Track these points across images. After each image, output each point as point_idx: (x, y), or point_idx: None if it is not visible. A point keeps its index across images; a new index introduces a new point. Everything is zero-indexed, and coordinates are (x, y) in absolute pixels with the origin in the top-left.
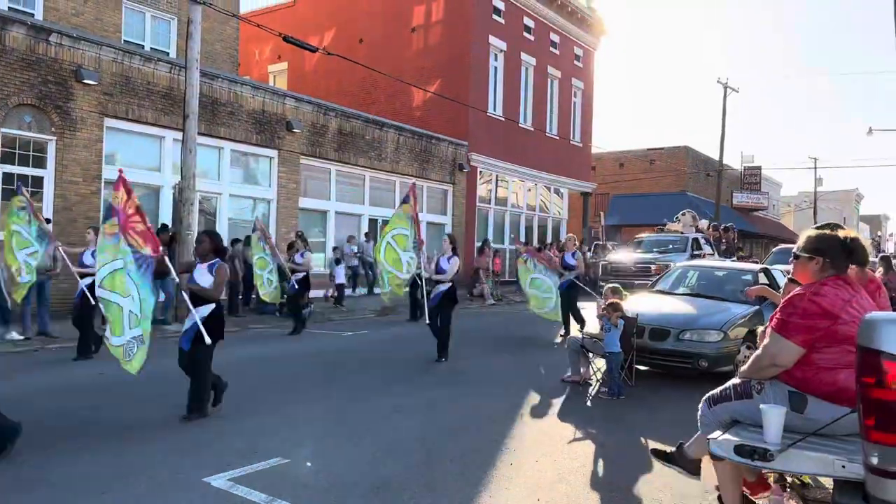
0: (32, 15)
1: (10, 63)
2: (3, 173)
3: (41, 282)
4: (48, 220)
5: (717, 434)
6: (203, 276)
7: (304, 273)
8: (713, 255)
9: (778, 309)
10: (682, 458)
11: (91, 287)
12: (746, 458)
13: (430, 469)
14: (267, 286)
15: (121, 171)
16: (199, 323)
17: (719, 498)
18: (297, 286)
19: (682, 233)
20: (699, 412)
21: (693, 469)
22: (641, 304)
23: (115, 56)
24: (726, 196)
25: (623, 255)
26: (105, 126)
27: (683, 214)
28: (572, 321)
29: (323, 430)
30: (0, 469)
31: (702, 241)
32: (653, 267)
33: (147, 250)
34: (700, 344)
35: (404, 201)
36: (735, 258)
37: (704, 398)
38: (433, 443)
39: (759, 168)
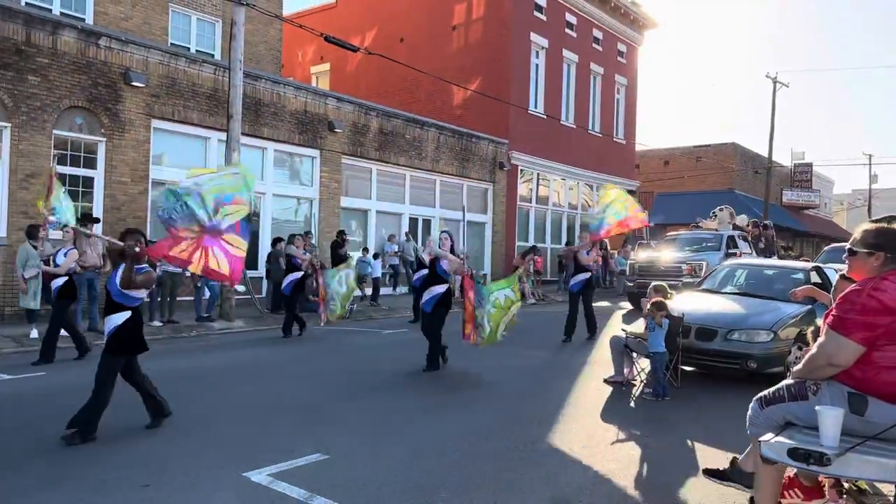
0: (83, 20)
1: (61, 66)
2: (56, 174)
3: (91, 278)
4: (96, 220)
5: (769, 437)
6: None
7: (302, 274)
8: (751, 253)
9: (833, 306)
10: (737, 473)
11: (64, 285)
12: (801, 462)
13: (466, 469)
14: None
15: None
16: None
17: (751, 500)
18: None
19: (716, 230)
20: (749, 413)
21: (751, 483)
22: (687, 302)
23: (162, 58)
24: (776, 194)
25: (652, 255)
26: (152, 127)
27: (721, 210)
28: (565, 324)
29: (361, 428)
30: (50, 460)
31: (738, 239)
32: (684, 267)
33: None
34: (749, 344)
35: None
36: (775, 257)
37: (756, 398)
38: (470, 443)
39: (809, 165)
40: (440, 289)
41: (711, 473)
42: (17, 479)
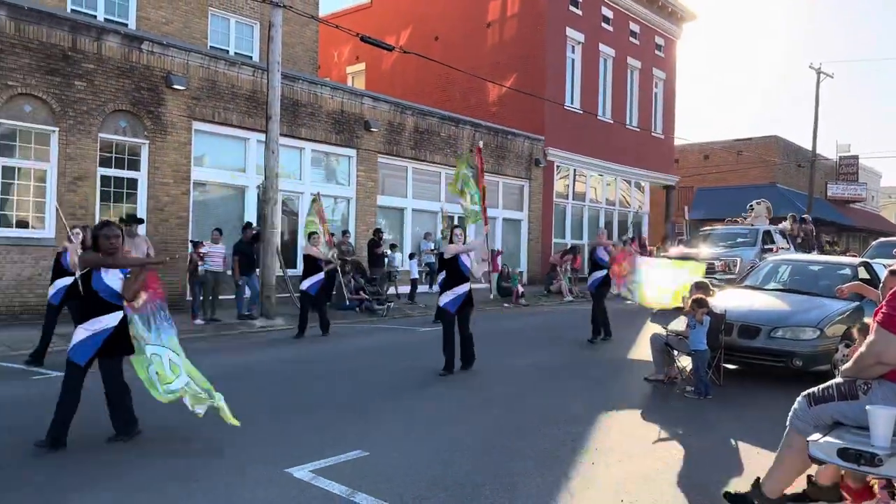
0: (126, 25)
1: (106, 71)
2: (102, 176)
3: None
4: (140, 220)
5: (817, 436)
6: (114, 279)
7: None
8: (788, 249)
9: (883, 303)
10: (762, 498)
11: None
12: (852, 462)
13: (508, 467)
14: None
15: None
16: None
17: (756, 480)
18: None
19: (752, 225)
20: (795, 407)
21: None
22: (730, 299)
23: (202, 61)
24: (820, 188)
25: (683, 251)
26: (193, 129)
27: (757, 204)
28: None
29: (401, 425)
30: (101, 454)
31: (775, 234)
32: (717, 263)
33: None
34: (794, 342)
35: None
36: (816, 253)
37: (804, 395)
38: (511, 440)
39: (855, 157)
40: (463, 288)
41: (732, 499)
42: (66, 478)
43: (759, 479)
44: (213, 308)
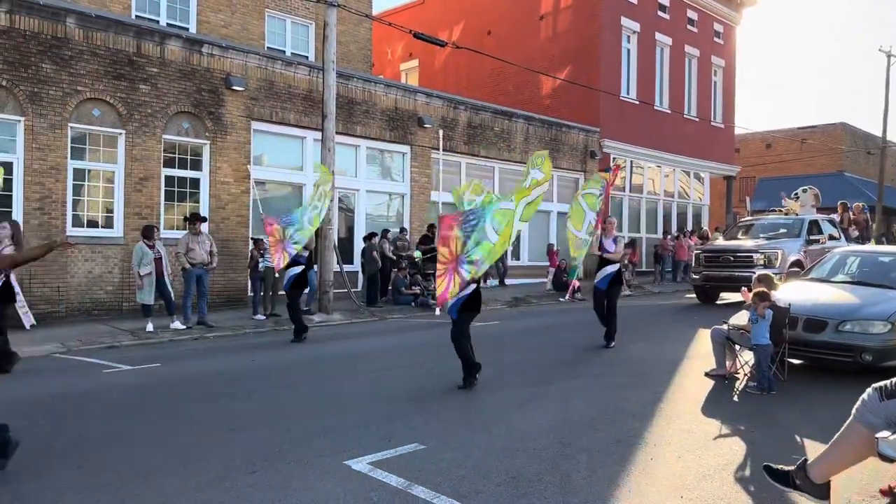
0: (187, 29)
1: (169, 74)
2: (166, 176)
3: (199, 274)
4: (204, 219)
5: (885, 434)
6: None
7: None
8: (839, 240)
9: None
10: (805, 481)
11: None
12: None
13: (564, 461)
14: None
15: None
16: None
17: (803, 462)
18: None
19: (797, 214)
20: (864, 398)
21: (821, 493)
22: (795, 292)
23: (260, 62)
24: (891, 175)
25: (721, 243)
26: (252, 129)
27: (804, 191)
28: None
29: (457, 419)
30: (171, 446)
31: (823, 225)
32: (756, 256)
33: None
34: (863, 336)
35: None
36: (871, 244)
37: (875, 387)
38: (568, 435)
39: None
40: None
41: (773, 474)
42: (138, 465)
43: (806, 460)
44: (273, 304)
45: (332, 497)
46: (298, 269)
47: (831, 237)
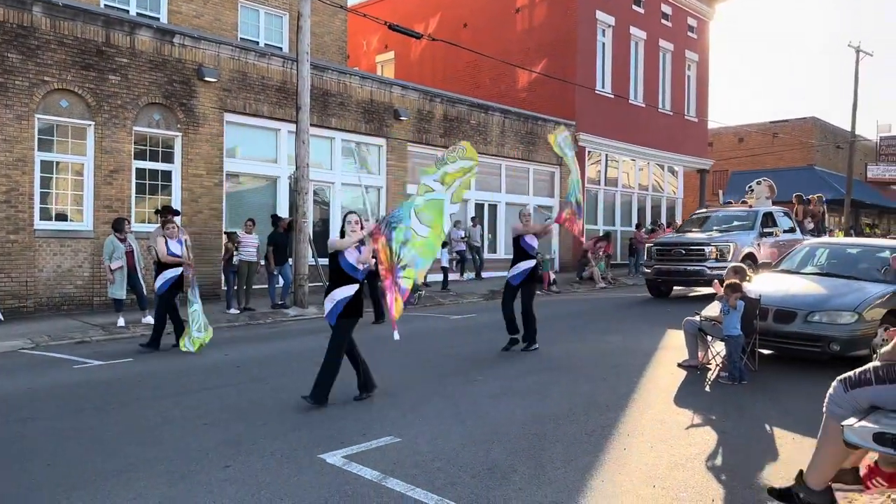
0: (158, 19)
1: (139, 65)
2: (137, 168)
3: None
4: (176, 213)
5: (852, 421)
6: None
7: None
8: (794, 232)
9: None
10: (808, 491)
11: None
12: (888, 447)
13: (539, 453)
14: None
15: None
16: None
17: (800, 473)
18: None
19: (751, 207)
20: (830, 392)
21: (825, 500)
22: (765, 284)
23: (233, 53)
24: (860, 169)
25: (674, 237)
26: (225, 121)
27: (758, 184)
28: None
29: (432, 412)
30: (140, 442)
31: (778, 217)
32: (708, 249)
33: None
34: (831, 326)
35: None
36: (826, 236)
37: (839, 379)
38: (542, 427)
39: None
40: (528, 263)
41: (776, 494)
42: (109, 461)
43: (801, 471)
44: (247, 297)
45: (307, 491)
46: (177, 270)
47: (788, 230)
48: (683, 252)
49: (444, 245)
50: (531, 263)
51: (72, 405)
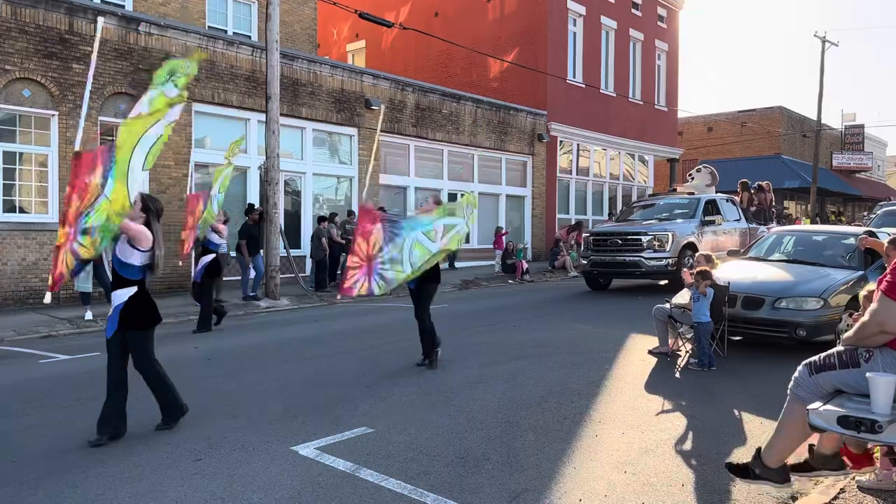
0: (123, 6)
1: (104, 54)
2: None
3: None
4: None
5: (817, 405)
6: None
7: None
8: (738, 221)
9: (888, 271)
10: (763, 469)
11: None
12: (852, 430)
13: (512, 440)
14: None
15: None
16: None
17: (757, 451)
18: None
19: (692, 194)
20: (796, 375)
21: (780, 477)
22: (733, 271)
23: (200, 42)
24: (825, 158)
25: (609, 227)
26: (193, 111)
27: (698, 171)
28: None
29: (406, 402)
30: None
31: (722, 205)
32: (645, 239)
33: None
34: (797, 312)
35: None
36: (773, 224)
37: (804, 363)
38: (515, 415)
39: (861, 126)
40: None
41: (735, 470)
42: (76, 456)
43: (759, 448)
44: (218, 290)
45: (279, 482)
46: (210, 256)
47: (734, 218)
48: (620, 242)
49: None
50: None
51: (38, 401)
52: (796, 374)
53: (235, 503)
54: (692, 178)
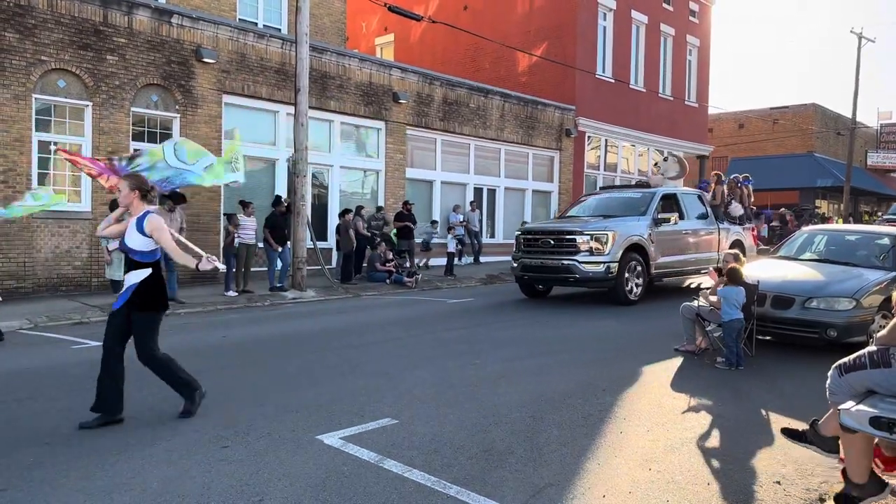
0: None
1: (137, 46)
2: (135, 150)
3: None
4: (182, 197)
5: (849, 405)
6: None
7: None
8: (706, 218)
9: None
10: (817, 436)
11: None
12: (884, 430)
13: (536, 435)
14: None
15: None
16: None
17: (843, 472)
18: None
19: (653, 186)
20: (829, 381)
21: (829, 447)
22: (763, 270)
23: (231, 34)
24: (860, 156)
25: (543, 224)
26: (223, 102)
27: (665, 160)
28: None
29: (431, 394)
30: (135, 424)
31: (683, 200)
32: (580, 239)
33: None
34: (829, 312)
35: None
36: (749, 222)
37: (835, 366)
38: (540, 409)
39: None
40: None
41: (790, 434)
42: (106, 440)
43: (815, 420)
44: (246, 280)
45: (304, 471)
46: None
47: (699, 216)
48: (552, 243)
49: (449, 230)
50: (146, 273)
51: (69, 385)
52: (829, 379)
53: (261, 490)
54: (658, 168)
